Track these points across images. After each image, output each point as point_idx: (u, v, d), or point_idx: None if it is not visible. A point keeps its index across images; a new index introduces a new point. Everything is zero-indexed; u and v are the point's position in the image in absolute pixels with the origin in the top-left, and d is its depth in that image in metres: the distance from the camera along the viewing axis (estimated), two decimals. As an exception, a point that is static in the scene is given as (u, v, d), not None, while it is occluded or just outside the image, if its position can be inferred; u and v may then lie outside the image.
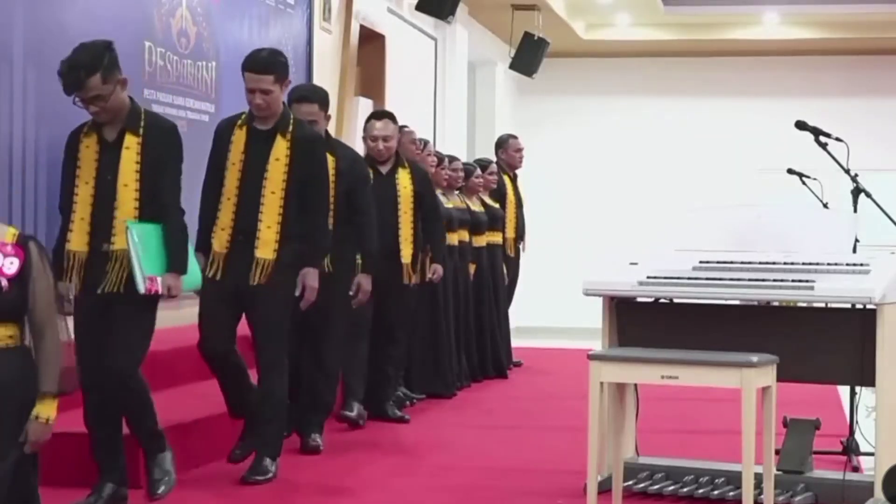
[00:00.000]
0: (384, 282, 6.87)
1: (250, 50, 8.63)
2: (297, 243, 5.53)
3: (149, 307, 5.00)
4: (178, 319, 6.25)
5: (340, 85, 10.18)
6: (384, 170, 7.23)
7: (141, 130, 4.97)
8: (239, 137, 5.60)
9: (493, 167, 10.05)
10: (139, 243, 4.84)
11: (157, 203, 4.95)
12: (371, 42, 10.90)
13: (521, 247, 10.46)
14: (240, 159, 5.56)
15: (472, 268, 9.17)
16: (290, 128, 5.59)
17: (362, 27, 10.57)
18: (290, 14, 9.35)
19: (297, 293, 5.57)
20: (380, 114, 7.38)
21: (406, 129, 8.24)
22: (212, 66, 8.11)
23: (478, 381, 9.24)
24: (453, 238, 8.58)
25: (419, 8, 10.98)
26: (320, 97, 6.30)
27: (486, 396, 8.75)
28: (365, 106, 10.77)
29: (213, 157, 5.70)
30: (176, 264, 4.97)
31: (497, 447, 6.77)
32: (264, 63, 5.60)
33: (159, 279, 4.89)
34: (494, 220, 9.65)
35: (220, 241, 5.57)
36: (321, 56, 9.84)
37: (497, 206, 9.88)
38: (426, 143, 8.86)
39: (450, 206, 8.72)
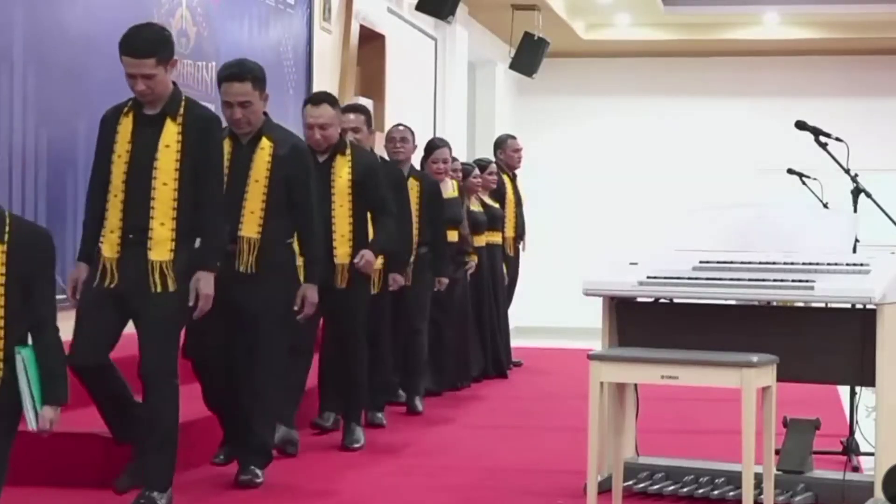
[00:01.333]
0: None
1: (250, 50, 8.68)
2: (194, 242, 4.95)
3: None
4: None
5: (340, 85, 10.18)
6: (321, 159, 6.32)
7: None
8: (125, 126, 4.94)
9: (493, 167, 10.04)
10: (28, 370, 4.08)
11: None
12: (371, 42, 10.90)
13: (521, 246, 10.47)
14: (126, 150, 4.91)
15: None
16: (181, 109, 4.96)
17: (362, 27, 10.57)
18: (290, 14, 9.35)
19: (192, 302, 4.90)
20: (316, 98, 6.46)
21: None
22: (212, 66, 8.11)
23: (478, 381, 9.24)
24: (452, 237, 8.53)
25: (419, 8, 10.98)
26: (254, 75, 5.57)
27: (486, 396, 8.75)
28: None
29: (98, 152, 5.05)
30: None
31: (497, 447, 6.77)
32: (144, 44, 4.86)
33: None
34: (494, 220, 9.64)
35: (110, 244, 4.90)
36: (321, 56, 9.84)
37: (497, 205, 9.87)
38: (454, 159, 9.08)
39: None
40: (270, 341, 5.42)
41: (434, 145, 8.52)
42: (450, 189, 8.52)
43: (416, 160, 8.18)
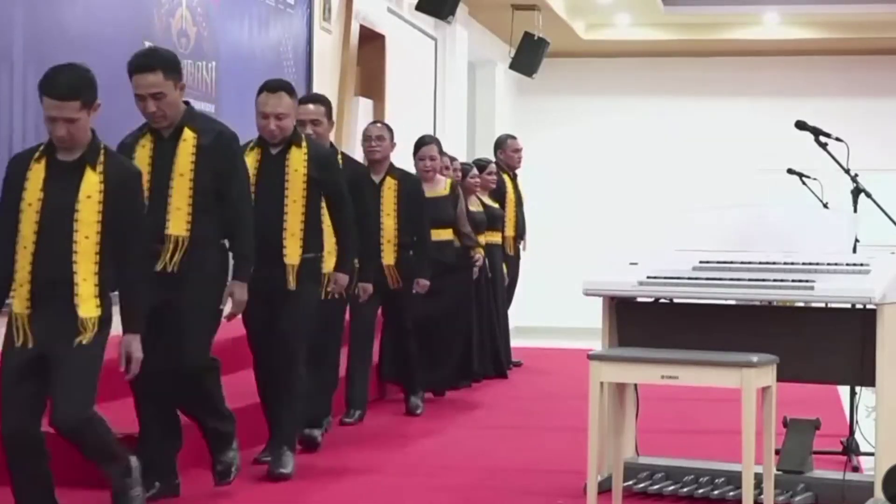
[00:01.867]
0: (265, 291, 5.57)
1: (250, 50, 8.69)
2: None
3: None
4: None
5: (340, 85, 10.18)
6: (274, 151, 5.82)
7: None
8: (36, 173, 4.57)
9: (492, 167, 9.99)
10: None
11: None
12: (371, 42, 10.91)
13: (521, 246, 10.46)
14: (38, 198, 4.53)
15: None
16: (101, 158, 4.58)
17: (362, 27, 10.57)
18: (290, 14, 9.35)
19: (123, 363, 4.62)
20: (273, 85, 5.88)
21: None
22: (212, 66, 8.12)
23: (477, 381, 9.23)
24: (442, 236, 8.24)
25: (419, 8, 10.99)
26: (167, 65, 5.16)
27: (486, 396, 8.75)
28: (365, 106, 10.78)
29: (4, 199, 4.64)
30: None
31: (497, 447, 6.77)
32: (67, 87, 4.50)
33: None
34: (493, 220, 9.62)
35: (20, 300, 4.51)
36: (321, 56, 9.84)
37: (496, 205, 9.86)
38: (453, 159, 9.06)
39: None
40: (196, 347, 5.06)
41: (420, 142, 8.26)
42: (440, 187, 8.21)
43: (402, 159, 8.15)
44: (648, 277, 5.32)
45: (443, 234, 8.15)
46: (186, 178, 5.06)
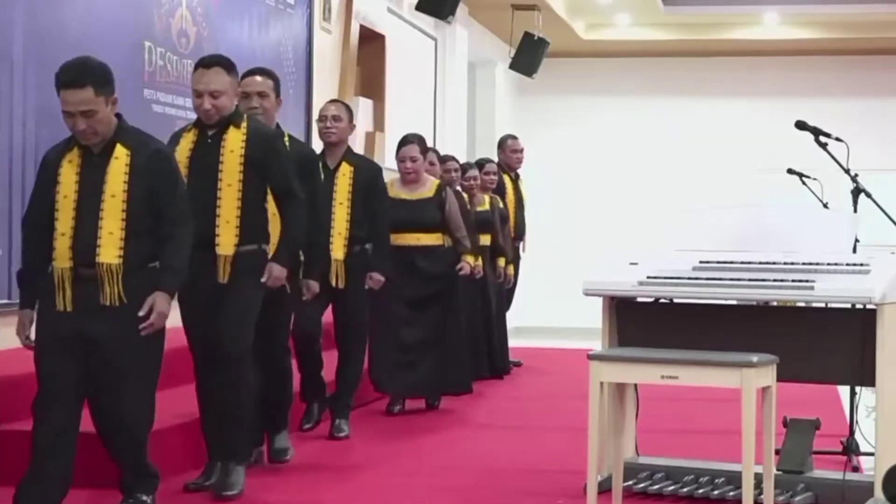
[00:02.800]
0: (201, 288, 5.19)
1: (250, 50, 8.69)
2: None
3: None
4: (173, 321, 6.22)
5: (340, 85, 10.19)
6: (210, 132, 5.34)
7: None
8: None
9: (490, 167, 9.88)
10: None
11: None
12: (371, 42, 10.91)
13: (520, 247, 10.46)
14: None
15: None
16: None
17: (362, 27, 10.57)
18: (290, 14, 9.35)
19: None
20: (208, 60, 5.42)
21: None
22: (212, 66, 8.10)
23: (477, 382, 9.22)
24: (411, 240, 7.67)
25: (419, 8, 10.99)
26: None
27: (486, 396, 8.75)
28: (365, 106, 10.78)
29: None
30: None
31: (497, 447, 6.77)
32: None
33: None
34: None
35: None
36: (321, 56, 9.84)
37: (500, 206, 9.83)
38: (447, 158, 8.93)
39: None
40: (135, 381, 4.66)
41: (401, 142, 7.67)
42: (425, 188, 7.65)
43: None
44: (648, 277, 5.32)
45: (426, 239, 7.65)
46: (119, 200, 4.58)
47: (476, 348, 9.14)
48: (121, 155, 4.63)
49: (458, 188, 8.92)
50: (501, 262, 9.67)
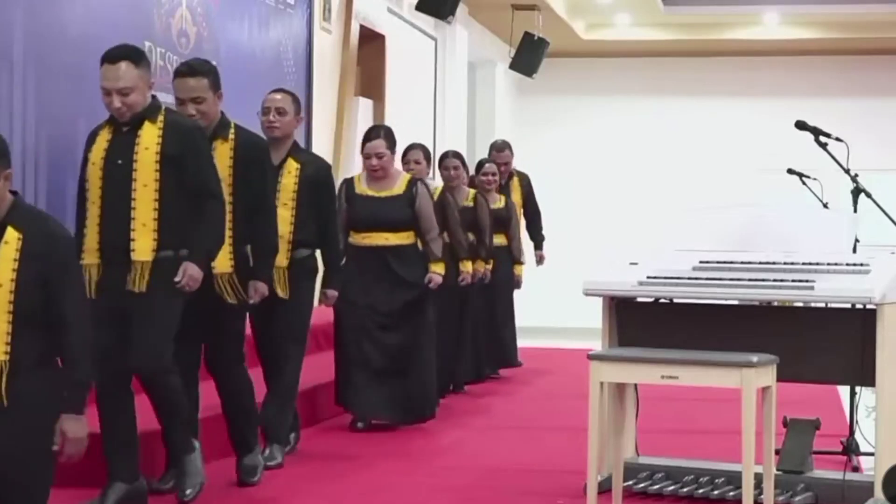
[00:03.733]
0: (115, 299, 4.83)
1: (250, 50, 8.69)
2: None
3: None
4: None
5: (340, 85, 10.19)
6: (124, 129, 4.94)
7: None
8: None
9: (488, 167, 9.63)
10: None
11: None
12: (371, 42, 10.91)
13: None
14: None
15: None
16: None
17: (362, 27, 10.57)
18: (290, 14, 9.35)
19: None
20: (114, 55, 4.90)
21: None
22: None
23: (477, 383, 9.21)
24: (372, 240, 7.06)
25: (419, 8, 10.99)
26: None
27: (486, 396, 8.75)
28: (365, 106, 10.79)
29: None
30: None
31: (497, 447, 6.77)
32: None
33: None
34: (500, 222, 9.41)
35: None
36: (321, 56, 9.84)
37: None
38: (450, 155, 8.78)
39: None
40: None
41: (365, 137, 7.12)
42: (395, 185, 7.07)
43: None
44: (648, 277, 5.32)
45: (396, 238, 7.02)
46: (6, 290, 3.90)
47: (477, 348, 9.08)
48: (10, 240, 3.96)
49: (465, 188, 8.78)
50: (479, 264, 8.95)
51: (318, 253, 6.28)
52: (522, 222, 10.32)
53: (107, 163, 4.90)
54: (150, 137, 4.88)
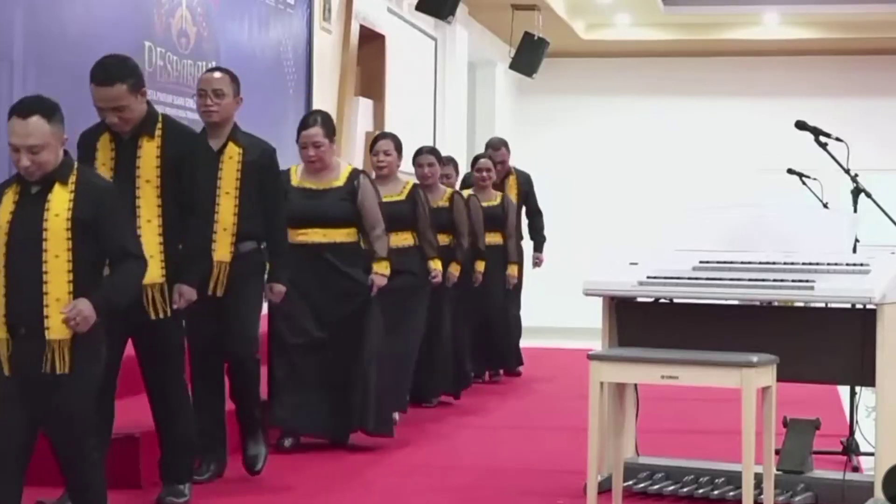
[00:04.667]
0: (26, 380, 4.35)
1: (250, 50, 8.68)
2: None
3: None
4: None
5: (340, 85, 10.18)
6: (33, 190, 4.41)
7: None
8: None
9: (483, 163, 9.39)
10: None
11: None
12: (371, 42, 10.90)
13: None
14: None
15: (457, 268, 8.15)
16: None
17: (362, 27, 10.57)
18: (290, 14, 9.35)
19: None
20: (24, 108, 4.51)
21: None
22: (212, 66, 8.11)
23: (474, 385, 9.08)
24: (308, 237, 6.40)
25: (419, 8, 10.98)
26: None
27: (486, 396, 8.75)
28: (365, 106, 10.78)
29: None
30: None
31: (497, 447, 6.77)
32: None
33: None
34: (492, 221, 9.14)
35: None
36: (321, 56, 9.84)
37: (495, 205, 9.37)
38: (425, 151, 8.30)
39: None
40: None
41: (302, 123, 6.49)
42: (332, 176, 6.43)
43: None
44: (648, 277, 5.32)
45: (336, 235, 6.37)
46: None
47: (458, 353, 8.39)
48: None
49: (441, 187, 8.29)
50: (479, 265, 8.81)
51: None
52: (524, 221, 10.22)
53: (13, 230, 4.31)
54: (60, 202, 4.33)
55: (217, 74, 5.72)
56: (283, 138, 8.16)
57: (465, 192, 8.72)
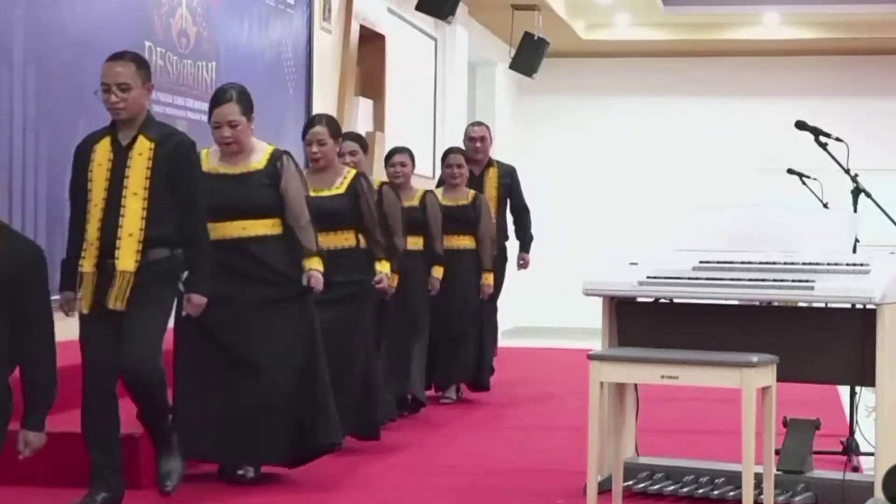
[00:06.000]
0: None
1: (250, 50, 8.68)
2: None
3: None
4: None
5: (340, 85, 10.18)
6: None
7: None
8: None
9: (452, 158, 8.33)
10: None
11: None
12: (371, 42, 10.91)
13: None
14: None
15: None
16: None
17: (362, 27, 10.57)
18: (290, 14, 9.35)
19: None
20: None
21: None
22: (212, 66, 8.11)
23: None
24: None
25: (419, 8, 10.99)
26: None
27: (485, 396, 8.74)
28: (365, 106, 10.78)
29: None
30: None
31: (497, 447, 6.77)
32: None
33: None
34: (458, 221, 8.13)
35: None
36: (321, 56, 9.84)
37: (465, 203, 8.26)
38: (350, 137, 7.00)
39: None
40: None
41: (214, 100, 5.58)
42: (252, 159, 5.55)
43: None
44: (648, 277, 5.32)
45: (257, 228, 5.49)
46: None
47: (401, 365, 7.39)
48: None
49: (413, 187, 7.72)
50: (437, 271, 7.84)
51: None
52: (510, 219, 9.20)
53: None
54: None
55: (118, 67, 4.88)
56: (283, 138, 8.19)
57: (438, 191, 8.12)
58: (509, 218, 9.20)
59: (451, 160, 8.32)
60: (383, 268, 6.33)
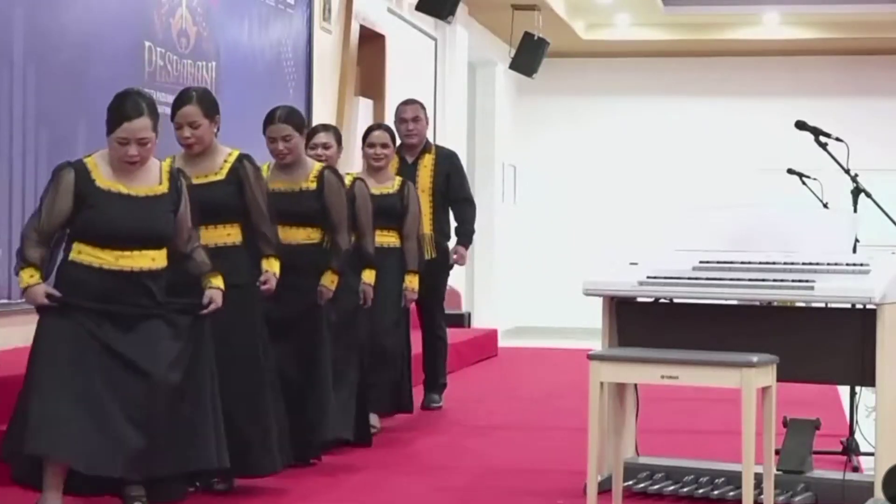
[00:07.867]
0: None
1: (250, 50, 8.68)
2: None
3: None
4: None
5: (340, 85, 10.19)
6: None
7: None
8: None
9: (377, 136, 7.02)
10: None
11: None
12: (371, 42, 10.91)
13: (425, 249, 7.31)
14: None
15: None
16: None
17: (362, 27, 10.57)
18: (290, 14, 9.35)
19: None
20: None
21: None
22: (212, 66, 8.11)
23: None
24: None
25: (419, 8, 10.99)
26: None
27: (485, 396, 8.75)
28: (365, 106, 10.78)
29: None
30: None
31: (497, 447, 6.77)
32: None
33: None
34: (385, 215, 6.76)
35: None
36: (321, 56, 9.84)
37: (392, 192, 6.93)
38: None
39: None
40: None
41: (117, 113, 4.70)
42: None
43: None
44: (648, 277, 5.32)
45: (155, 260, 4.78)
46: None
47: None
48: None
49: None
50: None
51: None
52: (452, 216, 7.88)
53: None
54: None
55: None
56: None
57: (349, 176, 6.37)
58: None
59: (373, 138, 6.99)
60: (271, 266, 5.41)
